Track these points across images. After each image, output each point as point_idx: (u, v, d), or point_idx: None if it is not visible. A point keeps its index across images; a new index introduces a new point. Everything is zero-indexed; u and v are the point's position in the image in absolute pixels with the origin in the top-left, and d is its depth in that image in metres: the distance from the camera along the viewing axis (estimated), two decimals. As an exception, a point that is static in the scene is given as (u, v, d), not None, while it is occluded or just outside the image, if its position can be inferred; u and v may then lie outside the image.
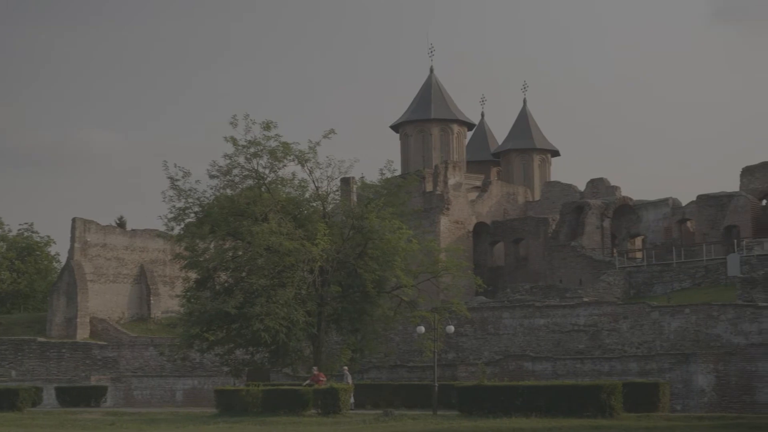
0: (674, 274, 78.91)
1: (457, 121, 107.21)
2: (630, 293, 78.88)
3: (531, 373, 62.06)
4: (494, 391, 50.12)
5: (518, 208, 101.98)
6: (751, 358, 56.53)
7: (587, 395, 47.45)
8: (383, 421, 48.40)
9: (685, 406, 56.37)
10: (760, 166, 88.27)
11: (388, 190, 62.47)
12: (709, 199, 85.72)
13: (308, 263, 57.87)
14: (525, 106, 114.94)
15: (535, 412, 47.00)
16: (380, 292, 60.79)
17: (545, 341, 67.34)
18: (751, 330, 60.46)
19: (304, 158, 60.55)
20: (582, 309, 67.30)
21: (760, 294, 64.63)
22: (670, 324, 63.55)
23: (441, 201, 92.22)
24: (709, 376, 57.08)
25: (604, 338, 65.54)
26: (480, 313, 69.99)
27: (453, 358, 68.66)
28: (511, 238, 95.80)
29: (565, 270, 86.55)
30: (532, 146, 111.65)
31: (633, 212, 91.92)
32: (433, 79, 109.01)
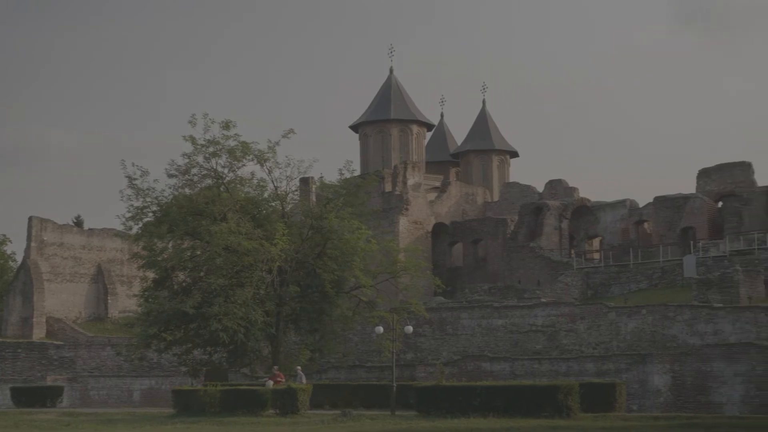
0: (631, 275, 79.44)
1: (417, 122, 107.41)
2: (587, 294, 79.32)
3: (489, 374, 62.26)
4: (452, 392, 50.23)
5: (477, 208, 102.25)
6: (707, 359, 57.00)
7: (544, 395, 47.64)
8: (341, 421, 48.36)
9: (641, 406, 56.76)
10: (716, 169, 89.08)
11: (348, 190, 62.42)
12: (666, 201, 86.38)
13: (267, 263, 57.73)
14: (484, 107, 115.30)
15: (492, 412, 47.14)
16: (339, 293, 60.75)
17: (503, 341, 67.56)
18: (706, 331, 61.00)
19: (264, 158, 60.40)
20: (540, 309, 67.62)
21: (716, 295, 65.19)
22: (627, 325, 63.97)
23: (400, 201, 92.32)
24: (665, 377, 57.51)
25: (561, 339, 65.87)
26: (438, 314, 70.13)
27: (411, 358, 68.73)
28: (469, 238, 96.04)
29: (524, 271, 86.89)
30: (491, 147, 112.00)
31: (591, 213, 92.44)
32: (393, 80, 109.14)
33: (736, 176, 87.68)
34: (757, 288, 66.82)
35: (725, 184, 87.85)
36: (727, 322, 60.62)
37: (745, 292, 65.49)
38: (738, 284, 65.49)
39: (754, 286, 66.73)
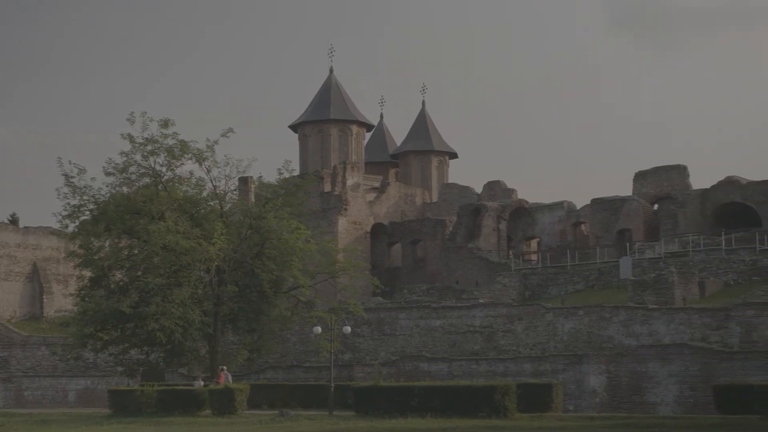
0: (568, 277, 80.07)
1: (356, 122, 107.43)
2: (525, 295, 79.80)
3: (427, 374, 62.47)
4: (390, 392, 50.39)
5: (416, 209, 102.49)
6: (642, 359, 57.64)
7: (482, 396, 47.94)
8: (279, 421, 48.32)
9: (577, 406, 57.27)
10: (652, 171, 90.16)
11: (286, 190, 62.32)
12: (603, 203, 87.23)
13: (205, 262, 57.50)
14: (424, 108, 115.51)
15: (430, 412, 47.35)
16: (277, 292, 60.67)
17: (441, 342, 67.79)
18: (641, 332, 61.65)
19: (202, 157, 60.11)
20: (478, 310, 67.92)
21: (651, 296, 65.91)
22: (564, 325, 64.48)
23: (339, 201, 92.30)
24: (601, 377, 58.07)
25: (499, 339, 66.22)
26: (377, 314, 70.22)
27: (349, 358, 68.77)
28: (408, 239, 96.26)
29: (462, 271, 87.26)
30: (430, 148, 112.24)
31: (529, 215, 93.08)
32: (333, 80, 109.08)
33: (672, 179, 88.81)
34: (691, 290, 67.68)
35: (661, 186, 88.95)
36: (661, 323, 61.31)
37: (679, 293, 66.29)
38: (673, 286, 66.28)
39: (689, 287, 67.59)
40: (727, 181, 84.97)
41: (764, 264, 71.88)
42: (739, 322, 59.37)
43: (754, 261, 72.42)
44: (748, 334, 58.94)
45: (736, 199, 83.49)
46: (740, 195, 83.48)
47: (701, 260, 74.32)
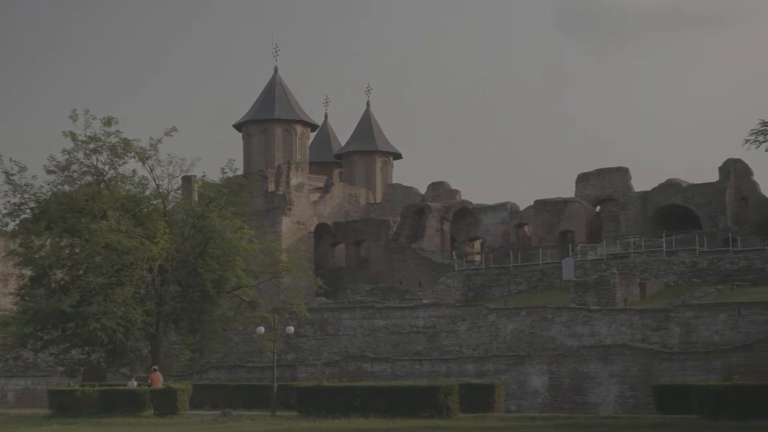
0: (511, 277, 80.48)
1: (301, 122, 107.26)
2: (468, 296, 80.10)
3: (370, 374, 62.54)
4: (333, 392, 50.38)
5: (360, 209, 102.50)
6: (583, 360, 58.14)
7: (425, 396, 48.07)
8: (221, 421, 48.12)
9: (519, 406, 57.62)
10: (594, 173, 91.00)
11: (230, 189, 62.04)
12: (546, 205, 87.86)
13: (147, 262, 57.10)
14: (368, 108, 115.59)
15: (373, 412, 47.41)
16: (220, 292, 60.38)
17: (384, 342, 67.88)
18: (583, 332, 62.13)
19: (145, 155, 59.68)
20: (421, 311, 68.07)
21: (593, 297, 66.45)
22: (507, 326, 64.80)
23: (283, 201, 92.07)
24: (543, 377, 58.48)
25: (442, 340, 66.42)
26: (320, 314, 70.15)
27: (292, 358, 68.65)
28: (352, 239, 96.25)
29: (405, 272, 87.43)
30: (374, 148, 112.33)
31: (472, 216, 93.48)
32: (278, 79, 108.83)
33: (614, 181, 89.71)
34: (632, 291, 68.34)
35: (603, 188, 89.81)
36: (603, 324, 61.83)
37: (621, 294, 66.90)
38: (614, 287, 66.87)
39: (630, 289, 68.25)
40: (668, 183, 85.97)
41: (704, 266, 72.78)
42: (678, 323, 60.07)
43: (694, 262, 73.29)
44: (687, 335, 59.64)
45: (677, 201, 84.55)
46: (681, 197, 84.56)
47: (642, 262, 75.11)
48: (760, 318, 58.31)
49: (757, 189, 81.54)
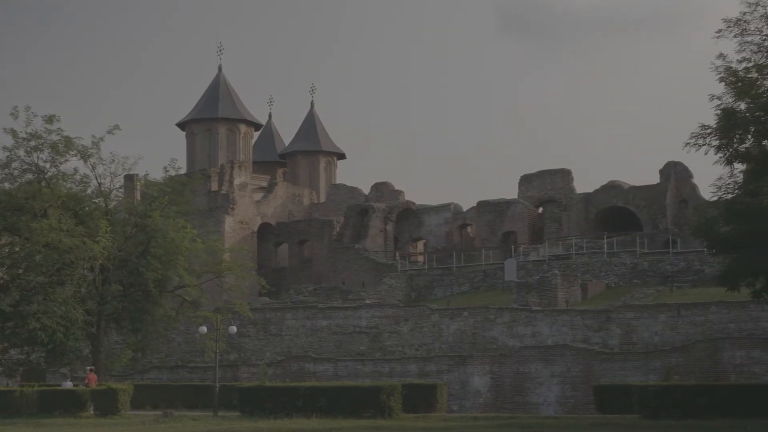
0: (454, 278, 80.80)
1: (245, 121, 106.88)
2: (411, 296, 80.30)
3: (312, 374, 62.53)
4: (275, 392, 50.28)
5: (303, 209, 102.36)
6: (525, 360, 58.54)
7: (367, 396, 48.11)
8: (162, 422, 47.81)
9: (461, 406, 57.89)
10: (537, 175, 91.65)
11: (173, 188, 61.66)
12: (489, 206, 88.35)
13: (89, 261, 56.56)
14: (312, 108, 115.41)
15: (316, 412, 47.37)
16: (162, 292, 59.97)
17: (327, 342, 67.87)
18: (525, 333, 62.55)
19: (87, 153, 59.15)
20: (364, 311, 68.15)
21: (535, 298, 66.91)
22: (449, 327, 65.05)
23: (226, 201, 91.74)
24: (485, 378, 58.80)
25: (385, 340, 66.54)
26: (263, 314, 69.99)
27: (235, 358, 68.43)
28: (295, 239, 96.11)
29: (349, 272, 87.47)
30: (318, 148, 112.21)
31: (416, 216, 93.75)
32: (222, 78, 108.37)
33: (556, 183, 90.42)
34: (574, 292, 68.92)
35: (546, 190, 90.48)
36: (545, 325, 62.31)
37: (562, 295, 67.44)
38: (556, 288, 67.38)
39: (572, 290, 68.82)
40: (609, 185, 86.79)
41: (644, 267, 73.57)
42: (619, 323, 60.71)
43: (634, 264, 74.07)
44: (627, 336, 60.29)
45: (618, 203, 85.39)
46: (622, 199, 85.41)
47: (584, 263, 75.76)
48: (699, 319, 59.11)
49: (697, 191, 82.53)
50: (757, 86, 42.81)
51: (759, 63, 42.68)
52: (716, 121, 43.23)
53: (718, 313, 58.91)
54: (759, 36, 42.53)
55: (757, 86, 42.81)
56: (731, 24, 42.79)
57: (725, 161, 43.70)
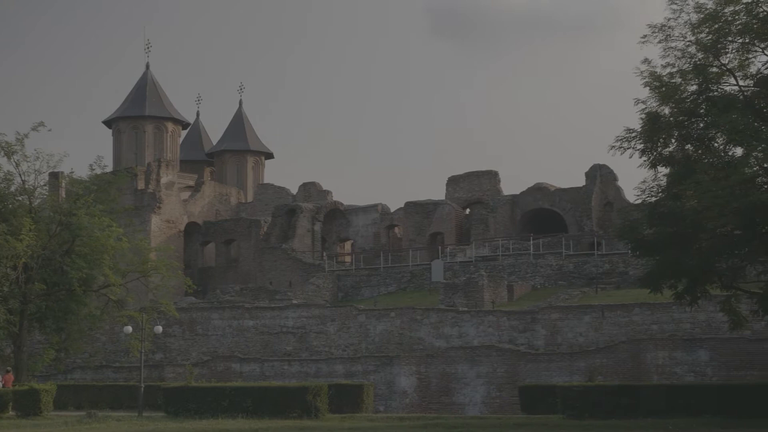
0: (381, 279, 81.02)
1: (172, 120, 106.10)
2: (338, 296, 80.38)
3: (239, 375, 62.35)
4: (201, 392, 50.03)
5: (231, 209, 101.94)
6: (451, 361, 58.86)
7: (293, 396, 48.10)
8: (86, 422, 47.32)
9: (388, 407, 58.05)
10: (464, 176, 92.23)
11: (99, 186, 61.10)
12: (416, 207, 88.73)
13: (12, 259, 55.83)
14: (241, 107, 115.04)
15: (242, 413, 47.25)
16: (87, 291, 59.43)
17: (254, 342, 67.67)
18: (451, 334, 62.89)
19: (11, 150, 58.39)
20: (291, 311, 68.06)
21: (461, 299, 67.28)
22: (376, 327, 65.21)
23: (153, 199, 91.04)
24: (411, 378, 59.02)
25: (311, 340, 66.51)
26: (189, 314, 69.61)
27: (160, 358, 67.97)
28: (222, 238, 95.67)
29: (276, 272, 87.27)
30: (246, 148, 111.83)
31: (343, 217, 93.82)
32: (149, 76, 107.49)
33: (483, 185, 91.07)
34: (500, 293, 69.42)
35: (473, 191, 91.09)
36: (471, 326, 62.69)
37: (489, 296, 67.91)
38: (482, 289, 67.81)
39: (498, 291, 69.32)
40: (536, 187, 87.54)
41: (569, 269, 74.31)
42: (544, 324, 61.29)
43: (560, 265, 74.79)
44: (552, 337, 60.89)
45: (544, 205, 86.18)
46: (548, 201, 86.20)
47: (510, 264, 76.33)
48: (623, 320, 59.87)
49: (622, 194, 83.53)
50: (681, 91, 43.49)
51: (682, 68, 43.34)
52: (641, 125, 43.87)
53: (641, 314, 59.72)
54: (683, 42, 43.19)
55: (681, 91, 43.49)
56: (656, 30, 43.41)
57: (649, 164, 44.35)
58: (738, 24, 41.86)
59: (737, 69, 43.26)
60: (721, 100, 42.30)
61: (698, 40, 42.66)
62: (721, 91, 43.31)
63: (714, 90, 43.13)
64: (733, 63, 43.19)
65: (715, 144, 43.71)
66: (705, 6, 42.48)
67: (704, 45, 42.48)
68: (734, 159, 41.47)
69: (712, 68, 43.12)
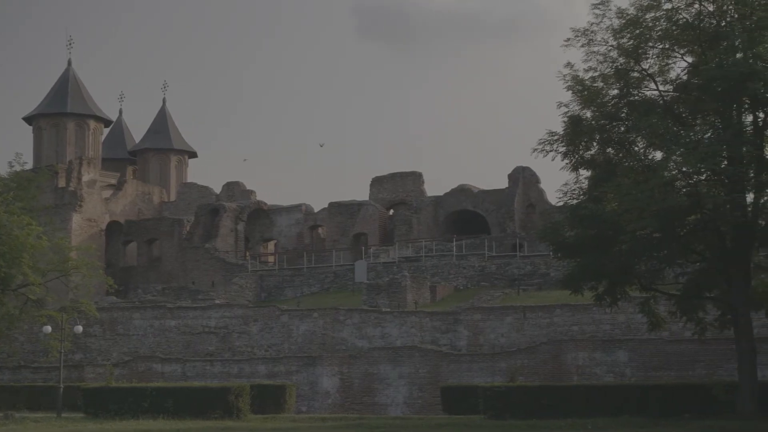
0: (304, 279, 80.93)
1: (94, 117, 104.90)
2: (261, 296, 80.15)
3: (160, 375, 61.90)
4: (122, 393, 49.67)
5: (153, 208, 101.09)
6: (374, 362, 58.99)
7: (215, 397, 47.98)
8: (3, 424, 46.72)
9: (310, 407, 58.01)
10: (388, 177, 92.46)
11: (18, 183, 60.41)
12: (340, 207, 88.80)
13: (-72, 257, 55.02)
14: (164, 105, 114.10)
15: (163, 414, 47.02)
16: (5, 290, 58.70)
17: (176, 343, 67.25)
18: (374, 334, 63.05)
19: (-72, 147, 57.56)
20: (213, 311, 67.75)
21: (384, 300, 67.47)
22: (299, 327, 65.15)
23: (74, 198, 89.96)
24: (334, 379, 59.04)
25: (234, 340, 66.26)
26: (110, 314, 68.97)
27: (80, 359, 67.24)
28: (144, 238, 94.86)
29: (198, 272, 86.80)
30: (169, 146, 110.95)
31: (267, 217, 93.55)
32: (71, 72, 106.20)
33: (407, 186, 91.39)
34: (423, 294, 69.73)
35: (397, 192, 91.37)
36: (394, 326, 62.90)
37: (412, 297, 68.18)
38: (405, 290, 68.07)
39: (421, 291, 69.63)
40: (459, 188, 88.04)
41: (492, 270, 74.83)
42: (467, 325, 61.68)
43: (482, 267, 75.30)
44: (475, 338, 61.30)
45: (468, 206, 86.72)
46: (471, 203, 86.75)
47: (433, 265, 76.67)
48: (544, 321, 60.49)
49: (544, 196, 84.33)
50: (602, 95, 44.11)
51: (604, 73, 43.95)
52: (563, 128, 44.39)
53: (562, 315, 60.38)
54: (605, 46, 43.78)
55: (602, 95, 44.11)
56: (579, 34, 43.95)
57: (571, 167, 44.91)
58: (658, 30, 42.58)
59: (657, 74, 43.99)
60: (642, 104, 43.01)
61: (620, 45, 43.30)
62: (642, 95, 44.02)
63: (635, 94, 43.81)
64: (654, 68, 43.92)
65: (636, 148, 44.43)
66: (627, 12, 43.14)
67: (626, 50, 43.13)
68: (654, 163, 42.18)
69: (633, 73, 43.80)
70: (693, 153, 38.92)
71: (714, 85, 39.75)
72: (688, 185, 41.61)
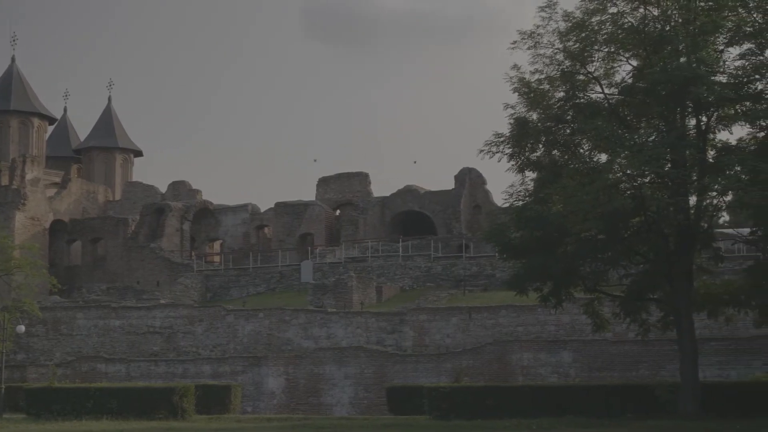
0: (250, 279, 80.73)
1: (38, 115, 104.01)
2: (207, 296, 79.83)
3: (104, 375, 61.45)
4: (65, 393, 49.23)
5: (98, 207, 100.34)
6: (320, 362, 58.96)
7: (160, 397, 47.70)
8: (-57, 425, 46.20)
9: (255, 407, 57.87)
10: (334, 178, 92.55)
11: (-40, 182, 59.77)
12: (287, 207, 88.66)
13: None
14: (110, 103, 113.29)
15: (106, 414, 46.70)
16: (-53, 289, 58.06)
17: (120, 343, 66.80)
18: (320, 334, 63.02)
19: None
20: (158, 311, 67.38)
21: (330, 300, 67.45)
22: (245, 327, 64.96)
23: (17, 196, 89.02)
24: (280, 379, 58.95)
25: (179, 340, 65.94)
26: (53, 313, 68.32)
27: (23, 359, 66.56)
28: (89, 237, 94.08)
29: (143, 271, 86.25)
30: (114, 145, 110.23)
31: (213, 216, 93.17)
32: (15, 69, 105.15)
33: (354, 186, 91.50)
34: (369, 294, 69.81)
35: (343, 193, 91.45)
36: (339, 327, 62.90)
37: (357, 297, 68.22)
38: (351, 290, 68.10)
39: (367, 292, 69.70)
40: (406, 189, 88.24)
41: (438, 271, 75.11)
42: (412, 326, 61.81)
43: (428, 267, 75.53)
44: (420, 338, 61.45)
45: (414, 207, 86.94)
46: (417, 204, 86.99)
47: (379, 266, 76.79)
48: (489, 322, 60.78)
49: (490, 197, 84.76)
50: (548, 97, 44.36)
51: (550, 75, 44.21)
52: (509, 130, 44.59)
53: (508, 316, 60.69)
54: (551, 49, 44.03)
55: (548, 97, 44.36)
56: (526, 36, 44.17)
57: (517, 169, 45.12)
58: (604, 33, 42.90)
59: (603, 77, 44.31)
60: (587, 107, 43.30)
61: (566, 47, 43.54)
62: (588, 98, 44.29)
63: (580, 97, 44.07)
64: (599, 71, 44.23)
65: (581, 150, 44.73)
66: (573, 15, 43.41)
67: (572, 53, 43.39)
68: (599, 165, 42.49)
69: (578, 76, 44.06)
70: (637, 156, 39.23)
71: (658, 89, 40.11)
72: (632, 188, 41.94)
